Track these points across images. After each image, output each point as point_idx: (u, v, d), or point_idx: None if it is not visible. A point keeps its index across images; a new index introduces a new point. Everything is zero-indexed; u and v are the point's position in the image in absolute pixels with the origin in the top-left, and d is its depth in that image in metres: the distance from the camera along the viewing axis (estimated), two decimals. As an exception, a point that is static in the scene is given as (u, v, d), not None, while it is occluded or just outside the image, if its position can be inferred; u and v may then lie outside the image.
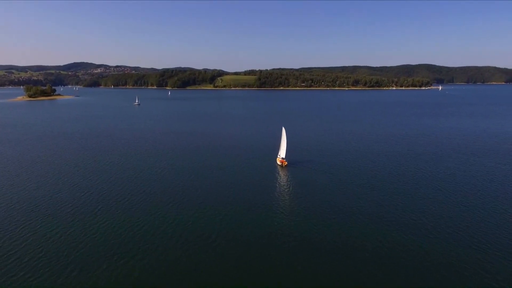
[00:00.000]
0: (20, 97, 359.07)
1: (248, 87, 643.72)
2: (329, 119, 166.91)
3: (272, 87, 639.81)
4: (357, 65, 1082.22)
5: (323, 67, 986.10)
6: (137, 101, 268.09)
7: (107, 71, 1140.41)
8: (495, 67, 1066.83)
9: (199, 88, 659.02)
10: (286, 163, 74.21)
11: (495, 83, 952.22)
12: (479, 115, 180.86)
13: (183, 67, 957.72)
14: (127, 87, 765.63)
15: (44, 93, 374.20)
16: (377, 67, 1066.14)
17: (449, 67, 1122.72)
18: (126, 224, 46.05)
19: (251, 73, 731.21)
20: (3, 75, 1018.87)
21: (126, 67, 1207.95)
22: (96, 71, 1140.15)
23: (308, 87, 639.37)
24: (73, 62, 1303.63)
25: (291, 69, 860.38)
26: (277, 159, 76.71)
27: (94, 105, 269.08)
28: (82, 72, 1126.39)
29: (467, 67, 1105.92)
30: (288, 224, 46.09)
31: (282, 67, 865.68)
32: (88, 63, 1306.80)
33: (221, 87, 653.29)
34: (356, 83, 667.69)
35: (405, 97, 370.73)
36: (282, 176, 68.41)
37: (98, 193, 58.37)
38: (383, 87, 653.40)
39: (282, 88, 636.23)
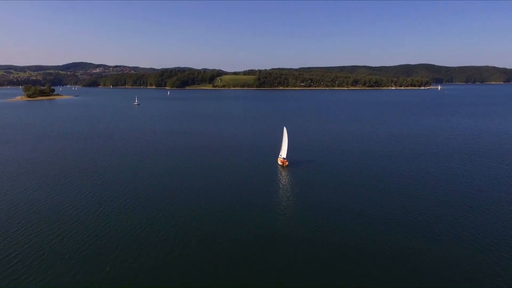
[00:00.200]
0: (19, 97, 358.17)
1: (247, 87, 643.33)
2: (329, 119, 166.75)
3: (271, 87, 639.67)
4: (356, 65, 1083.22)
5: (322, 67, 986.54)
6: (136, 101, 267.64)
7: (106, 71, 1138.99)
8: (494, 67, 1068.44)
9: (198, 88, 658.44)
10: (287, 163, 73.98)
11: (494, 82, 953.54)
12: (480, 114, 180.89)
13: (182, 67, 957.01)
14: (126, 87, 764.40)
15: (43, 93, 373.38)
16: (376, 67, 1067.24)
17: (448, 67, 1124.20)
18: (126, 224, 45.79)
19: (251, 73, 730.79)
20: (2, 75, 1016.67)
21: (125, 67, 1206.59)
22: (95, 71, 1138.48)
23: (307, 87, 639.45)
24: (72, 62, 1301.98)
25: (290, 69, 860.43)
26: (278, 159, 76.48)
27: (93, 105, 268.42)
28: (81, 72, 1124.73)
29: (466, 67, 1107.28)
30: (288, 224, 45.89)
31: (281, 67, 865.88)
32: (87, 63, 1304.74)
33: (220, 87, 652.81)
34: (355, 83, 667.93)
35: (405, 97, 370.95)
36: (283, 176, 68.18)
37: (98, 194, 58.06)
38: (383, 87, 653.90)
39: (281, 88, 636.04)
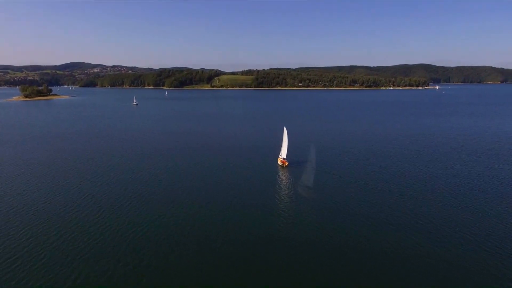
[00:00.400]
0: (16, 97, 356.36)
1: (245, 87, 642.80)
2: (329, 119, 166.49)
3: (269, 87, 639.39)
4: (354, 65, 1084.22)
5: (320, 67, 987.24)
6: (135, 101, 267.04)
7: (104, 71, 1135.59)
8: (491, 67, 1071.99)
9: (196, 88, 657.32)
10: (287, 163, 73.54)
11: (491, 82, 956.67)
12: (479, 114, 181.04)
13: (180, 67, 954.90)
14: (124, 87, 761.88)
15: (40, 93, 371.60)
16: (374, 67, 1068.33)
17: (446, 67, 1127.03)
18: (126, 224, 45.18)
19: (249, 73, 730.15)
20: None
21: (122, 67, 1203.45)
22: (92, 71, 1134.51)
23: (305, 87, 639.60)
24: (69, 62, 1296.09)
25: (289, 69, 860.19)
26: (278, 159, 76.00)
27: (91, 105, 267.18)
28: (78, 72, 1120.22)
29: (463, 67, 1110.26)
30: (288, 224, 45.40)
31: (279, 67, 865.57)
32: (84, 63, 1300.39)
33: (218, 87, 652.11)
34: (353, 83, 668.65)
35: (403, 97, 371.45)
36: (282, 176, 67.69)
37: (98, 195, 57.39)
38: (381, 87, 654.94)
39: (279, 88, 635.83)
